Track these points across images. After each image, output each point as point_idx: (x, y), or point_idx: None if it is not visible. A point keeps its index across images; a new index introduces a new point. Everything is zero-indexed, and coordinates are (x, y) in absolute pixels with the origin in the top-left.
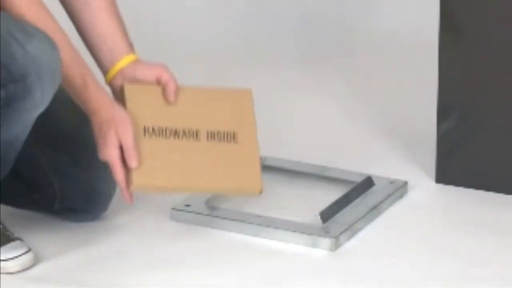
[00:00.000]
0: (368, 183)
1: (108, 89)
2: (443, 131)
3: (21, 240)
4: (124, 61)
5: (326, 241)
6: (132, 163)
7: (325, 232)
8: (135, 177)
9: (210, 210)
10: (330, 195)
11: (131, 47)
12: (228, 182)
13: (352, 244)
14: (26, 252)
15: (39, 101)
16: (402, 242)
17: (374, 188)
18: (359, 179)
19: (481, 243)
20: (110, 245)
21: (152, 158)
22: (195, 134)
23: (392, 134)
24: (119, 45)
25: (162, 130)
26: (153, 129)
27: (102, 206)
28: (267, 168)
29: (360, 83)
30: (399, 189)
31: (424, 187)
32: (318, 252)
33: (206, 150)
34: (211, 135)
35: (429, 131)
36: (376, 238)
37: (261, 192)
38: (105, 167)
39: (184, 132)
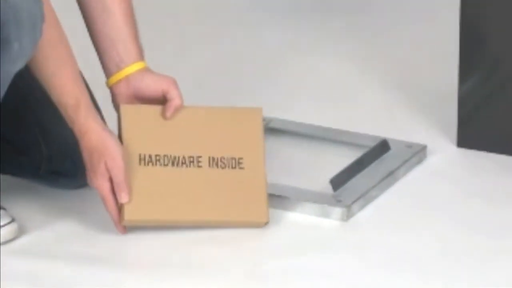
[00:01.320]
0: (383, 147)
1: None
2: (465, 92)
3: (4, 209)
4: (131, 68)
5: (337, 211)
6: (122, 199)
7: (336, 201)
8: (127, 212)
9: None
10: (341, 160)
11: (141, 55)
12: (231, 214)
13: (365, 214)
14: (10, 222)
15: (16, 54)
16: (420, 212)
17: (390, 152)
18: (373, 143)
19: (506, 213)
20: (99, 215)
21: (147, 189)
22: (196, 161)
23: (409, 95)
24: (129, 51)
25: (160, 158)
26: (149, 157)
27: None
28: (272, 130)
29: (374, 40)
30: (417, 154)
31: (444, 152)
32: (329, 222)
33: (208, 178)
34: (214, 162)
35: (450, 91)
36: (392, 207)
37: (266, 223)
38: None
39: (184, 159)
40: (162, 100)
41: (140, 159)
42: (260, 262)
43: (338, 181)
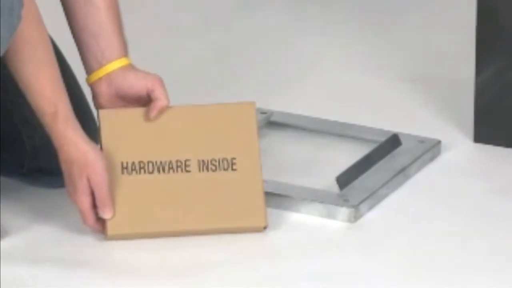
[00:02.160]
0: (393, 142)
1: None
2: (482, 82)
3: None
4: (113, 65)
5: (344, 211)
6: (106, 214)
7: (343, 201)
8: (110, 227)
9: None
10: (348, 156)
11: (125, 50)
12: (226, 221)
13: (374, 215)
14: None
15: None
16: (433, 213)
17: (401, 148)
18: (383, 138)
19: None
20: None
21: (131, 200)
22: (184, 165)
23: (422, 85)
24: (112, 47)
25: (144, 165)
26: (132, 165)
27: None
28: (273, 124)
29: (385, 24)
30: (431, 149)
31: (460, 147)
32: (334, 224)
33: (198, 183)
34: (204, 164)
35: (466, 82)
36: (403, 207)
37: (265, 228)
38: (82, 123)
39: (170, 164)
40: (147, 100)
41: (122, 168)
42: (260, 267)
43: (345, 179)
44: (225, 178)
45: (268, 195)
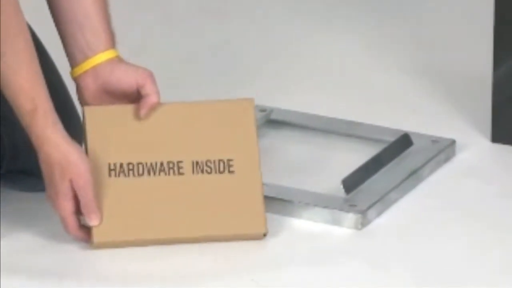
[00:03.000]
0: (404, 142)
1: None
2: (500, 78)
3: None
4: (100, 57)
5: (351, 217)
6: (91, 221)
7: (349, 206)
8: (96, 234)
9: None
10: (355, 157)
11: (112, 41)
12: (222, 228)
13: (383, 221)
14: None
15: None
16: (447, 218)
17: (412, 148)
18: (392, 137)
19: None
20: None
21: (119, 205)
22: (177, 167)
23: (435, 81)
24: (98, 37)
25: (133, 167)
26: (120, 167)
27: None
28: (273, 122)
29: (395, 17)
30: (445, 150)
31: (476, 148)
32: (340, 231)
33: (192, 186)
34: (198, 166)
35: (483, 77)
36: (414, 212)
37: (265, 235)
38: (65, 121)
39: (162, 166)
40: (136, 96)
41: (110, 170)
42: (260, 276)
43: (351, 182)
44: (221, 181)
45: (268, 199)
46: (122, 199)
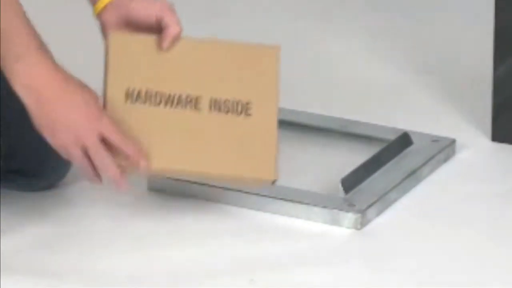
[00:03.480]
0: (404, 141)
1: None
2: (501, 76)
3: None
4: None
5: (350, 217)
6: (141, 162)
7: (348, 205)
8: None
9: None
10: (354, 157)
11: None
12: (232, 168)
13: (382, 221)
14: None
15: None
16: (447, 218)
17: (412, 147)
18: (392, 136)
19: None
20: (70, 221)
21: (132, 133)
22: (195, 102)
23: (435, 80)
24: None
25: (151, 95)
26: (138, 93)
27: (59, 170)
28: None
29: (395, 16)
30: (445, 149)
31: (476, 147)
32: (339, 231)
33: (207, 123)
34: (216, 104)
35: (483, 75)
36: (414, 212)
37: (274, 182)
38: None
39: (179, 99)
40: (157, 29)
41: (127, 95)
42: (257, 277)
43: (351, 182)
44: (237, 123)
45: (266, 199)
46: (135, 127)
